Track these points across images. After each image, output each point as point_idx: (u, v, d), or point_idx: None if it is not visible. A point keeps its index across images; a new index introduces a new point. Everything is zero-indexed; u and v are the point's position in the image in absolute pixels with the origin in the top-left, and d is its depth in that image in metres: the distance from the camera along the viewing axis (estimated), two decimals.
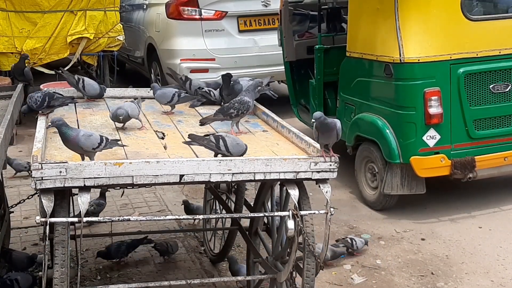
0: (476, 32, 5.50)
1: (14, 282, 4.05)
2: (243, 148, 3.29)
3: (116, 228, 5.21)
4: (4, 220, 4.60)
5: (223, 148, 3.25)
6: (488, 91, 5.54)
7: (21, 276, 4.12)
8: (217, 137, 3.30)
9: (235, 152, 3.26)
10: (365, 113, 5.73)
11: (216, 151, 3.28)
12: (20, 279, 4.07)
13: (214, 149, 3.28)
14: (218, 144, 3.26)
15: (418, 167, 5.39)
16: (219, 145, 3.26)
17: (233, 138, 3.33)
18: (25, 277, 4.12)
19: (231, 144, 3.26)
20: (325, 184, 3.27)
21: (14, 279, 4.05)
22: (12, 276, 4.10)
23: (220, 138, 3.28)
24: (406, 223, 5.59)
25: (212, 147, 3.28)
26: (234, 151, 3.26)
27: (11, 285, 4.05)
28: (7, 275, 4.14)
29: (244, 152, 3.29)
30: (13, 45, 8.17)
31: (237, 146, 3.28)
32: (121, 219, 3.37)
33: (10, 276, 4.11)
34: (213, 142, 3.28)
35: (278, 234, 3.76)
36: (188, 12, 8.48)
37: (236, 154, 3.26)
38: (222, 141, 3.27)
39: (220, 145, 3.25)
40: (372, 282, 4.67)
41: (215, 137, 3.31)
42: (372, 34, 5.65)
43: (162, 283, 3.71)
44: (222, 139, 3.28)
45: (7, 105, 3.99)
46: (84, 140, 3.11)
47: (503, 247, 5.13)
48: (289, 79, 7.24)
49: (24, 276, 4.14)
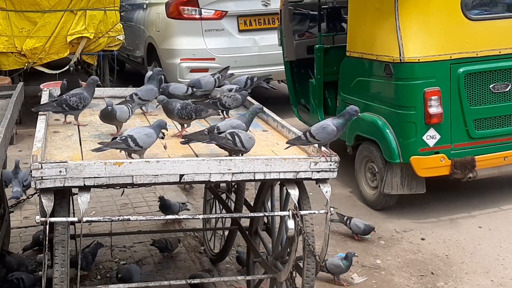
0: (476, 32, 5.50)
1: (20, 281, 4.11)
2: (254, 141, 3.32)
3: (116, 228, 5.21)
4: (4, 220, 4.60)
5: (239, 145, 3.25)
6: (488, 90, 5.54)
7: (25, 275, 4.18)
8: (232, 134, 3.28)
9: (249, 147, 3.27)
10: (365, 112, 5.73)
11: (233, 148, 3.26)
12: (25, 278, 4.14)
13: (231, 146, 3.26)
14: (234, 140, 3.25)
15: (418, 166, 5.39)
16: (235, 142, 3.25)
17: (245, 133, 3.34)
18: (29, 277, 4.19)
19: (245, 139, 3.26)
20: (325, 184, 3.27)
21: (20, 278, 4.12)
22: (18, 275, 4.15)
23: (235, 135, 3.27)
24: (406, 222, 5.59)
25: (229, 145, 3.26)
26: (249, 146, 3.27)
27: (18, 284, 4.11)
28: (12, 274, 4.19)
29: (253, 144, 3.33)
30: (13, 44, 8.16)
31: (250, 140, 3.29)
32: (121, 218, 3.36)
33: (14, 275, 4.16)
34: (230, 139, 3.26)
35: (278, 233, 3.76)
36: (188, 11, 8.48)
37: (250, 148, 3.28)
38: (237, 137, 3.26)
39: (237, 142, 3.25)
40: (372, 282, 4.67)
41: (230, 134, 3.28)
42: (372, 33, 5.65)
43: (162, 283, 3.71)
44: (237, 136, 3.26)
45: (7, 104, 3.99)
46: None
47: (503, 246, 5.13)
48: (289, 79, 7.24)
49: (28, 276, 4.20)
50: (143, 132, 3.25)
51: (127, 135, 3.21)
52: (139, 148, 3.20)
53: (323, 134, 3.30)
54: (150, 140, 3.24)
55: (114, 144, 3.22)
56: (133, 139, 3.18)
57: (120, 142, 3.20)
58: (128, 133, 3.23)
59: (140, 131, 3.25)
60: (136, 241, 5.17)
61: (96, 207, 5.75)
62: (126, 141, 3.18)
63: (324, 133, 3.30)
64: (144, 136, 3.22)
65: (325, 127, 3.31)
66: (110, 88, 4.87)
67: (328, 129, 3.30)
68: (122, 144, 3.19)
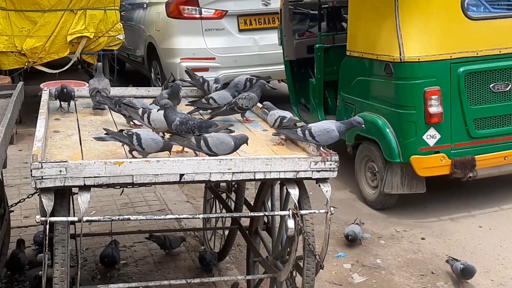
0: (476, 31, 5.50)
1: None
2: (228, 146, 3.19)
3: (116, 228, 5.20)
4: (4, 219, 4.60)
5: (204, 148, 3.19)
6: (488, 90, 5.54)
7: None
8: (197, 138, 3.22)
9: (220, 152, 3.18)
10: (365, 112, 5.73)
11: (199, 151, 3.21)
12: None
13: (195, 149, 3.21)
14: (199, 144, 3.20)
15: (418, 166, 5.39)
16: (200, 146, 3.19)
17: (217, 137, 3.22)
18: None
19: (214, 144, 3.19)
20: (325, 184, 3.27)
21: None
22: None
23: (202, 139, 3.20)
24: (406, 222, 5.60)
25: (193, 147, 3.21)
26: (219, 151, 3.18)
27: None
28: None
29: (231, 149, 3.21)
30: (13, 44, 8.16)
31: (221, 145, 3.19)
32: (121, 218, 3.36)
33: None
34: (193, 142, 3.21)
35: (278, 233, 3.76)
36: (188, 11, 8.48)
37: (222, 153, 3.19)
38: (203, 141, 3.20)
39: (202, 146, 3.19)
40: (372, 282, 4.67)
41: (195, 137, 3.23)
42: (372, 33, 5.65)
43: (162, 283, 3.71)
44: (203, 139, 3.20)
45: (7, 104, 3.98)
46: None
47: (503, 246, 5.13)
48: (289, 78, 7.24)
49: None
50: (151, 136, 3.24)
51: (134, 133, 3.20)
52: (140, 149, 3.19)
53: (325, 137, 3.30)
54: (154, 146, 3.21)
55: (119, 136, 3.22)
56: (138, 139, 3.17)
57: (125, 136, 3.20)
58: (136, 131, 3.23)
59: (149, 134, 3.24)
60: (136, 241, 5.17)
61: (96, 206, 5.75)
62: (131, 137, 3.18)
63: (327, 136, 3.30)
64: (150, 140, 3.20)
65: (330, 131, 3.30)
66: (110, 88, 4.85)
67: (332, 135, 3.30)
68: (126, 139, 3.19)
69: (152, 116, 3.53)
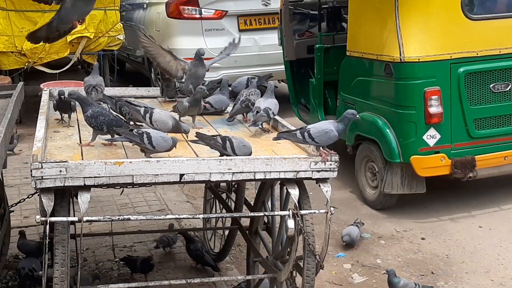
0: (476, 31, 5.50)
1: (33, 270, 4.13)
2: (249, 150, 3.26)
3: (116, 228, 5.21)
4: (4, 219, 4.60)
5: (229, 150, 3.24)
6: (488, 90, 5.54)
7: (35, 263, 4.17)
8: (223, 138, 3.28)
9: (241, 154, 3.24)
10: (365, 112, 5.73)
11: (222, 152, 3.26)
12: (36, 267, 4.14)
13: (220, 149, 3.27)
14: (224, 145, 3.25)
15: (418, 166, 5.39)
16: (225, 146, 3.25)
17: (240, 140, 3.30)
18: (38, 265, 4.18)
19: (238, 146, 3.24)
20: (325, 184, 3.27)
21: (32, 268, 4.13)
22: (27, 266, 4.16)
23: (227, 140, 3.26)
24: (406, 222, 5.59)
25: (218, 147, 3.27)
26: (240, 153, 3.24)
27: (31, 275, 4.12)
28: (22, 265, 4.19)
29: (250, 153, 3.27)
30: (13, 44, 8.16)
31: (244, 148, 3.25)
32: (121, 218, 3.36)
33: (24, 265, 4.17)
34: (219, 143, 3.26)
35: (278, 233, 3.76)
36: (188, 11, 8.48)
37: (243, 155, 3.24)
38: (228, 142, 3.25)
39: (227, 147, 3.25)
40: (372, 282, 4.67)
41: (221, 138, 3.29)
42: (373, 33, 5.65)
43: (162, 283, 3.71)
44: (228, 141, 3.25)
45: (7, 104, 3.98)
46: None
47: (503, 246, 5.13)
48: (289, 79, 7.24)
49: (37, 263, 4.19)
50: (161, 134, 3.25)
51: (144, 131, 3.21)
52: (151, 148, 3.20)
53: (324, 138, 3.30)
54: (165, 145, 3.22)
55: (130, 135, 3.23)
56: (148, 137, 3.18)
57: (135, 135, 3.21)
58: (146, 130, 3.24)
59: (158, 133, 3.25)
60: (136, 241, 5.17)
61: (97, 206, 5.75)
62: (141, 136, 3.19)
63: (326, 137, 3.30)
64: (160, 139, 3.21)
65: (328, 132, 3.30)
66: (110, 88, 4.86)
67: (331, 135, 3.30)
68: (136, 138, 3.20)
69: (154, 116, 3.53)
